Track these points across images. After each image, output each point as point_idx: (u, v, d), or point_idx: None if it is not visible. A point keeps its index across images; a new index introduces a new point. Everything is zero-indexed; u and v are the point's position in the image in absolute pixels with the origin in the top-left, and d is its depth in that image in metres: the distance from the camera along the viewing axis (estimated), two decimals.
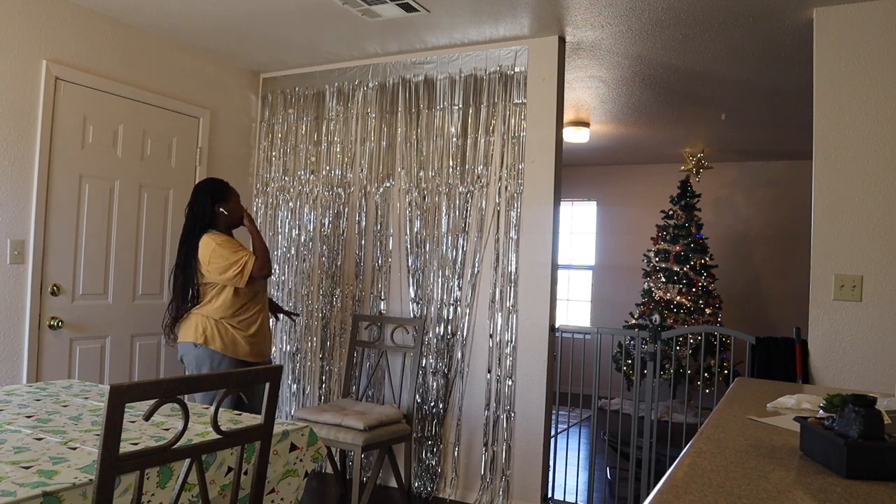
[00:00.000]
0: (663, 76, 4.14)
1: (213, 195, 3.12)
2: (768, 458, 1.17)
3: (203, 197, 3.11)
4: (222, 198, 3.14)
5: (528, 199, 3.60)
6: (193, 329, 3.04)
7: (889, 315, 2.83)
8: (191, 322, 3.05)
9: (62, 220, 3.35)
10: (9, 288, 3.13)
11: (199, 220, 3.07)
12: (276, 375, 1.61)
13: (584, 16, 3.28)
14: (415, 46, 3.86)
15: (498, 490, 3.57)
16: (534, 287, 3.57)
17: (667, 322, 5.81)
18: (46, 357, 3.28)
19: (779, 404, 1.62)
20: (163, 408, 1.49)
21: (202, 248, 3.01)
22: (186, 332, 3.06)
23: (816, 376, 2.97)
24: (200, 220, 3.08)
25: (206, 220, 3.09)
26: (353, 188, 4.12)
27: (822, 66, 3.02)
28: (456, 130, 3.80)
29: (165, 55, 3.87)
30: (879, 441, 1.06)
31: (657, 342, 3.43)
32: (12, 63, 3.11)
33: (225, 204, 3.14)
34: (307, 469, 2.00)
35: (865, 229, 2.89)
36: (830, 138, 2.98)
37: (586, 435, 5.45)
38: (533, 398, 3.54)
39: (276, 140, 4.42)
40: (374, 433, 3.26)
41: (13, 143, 3.13)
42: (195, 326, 3.04)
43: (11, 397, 2.13)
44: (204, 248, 3.01)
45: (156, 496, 1.51)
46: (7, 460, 1.47)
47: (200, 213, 3.08)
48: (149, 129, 3.77)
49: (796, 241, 5.39)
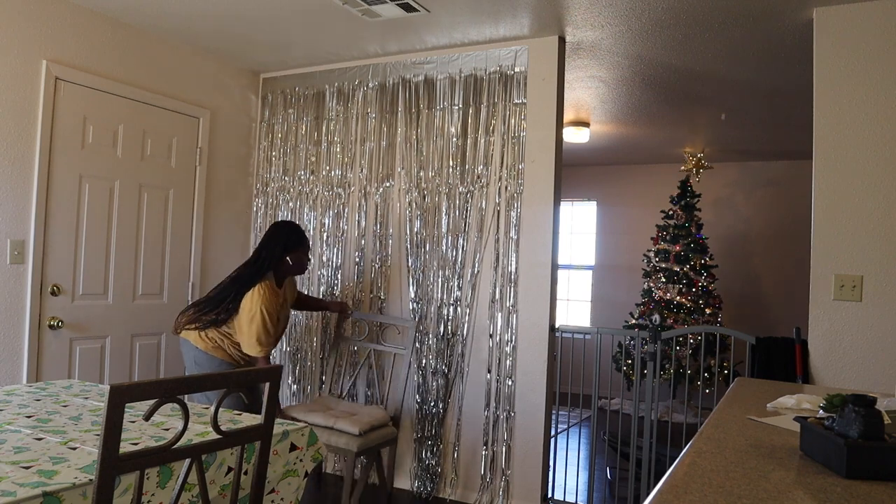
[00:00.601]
0: (663, 76, 4.14)
1: (286, 244, 3.21)
2: (768, 458, 1.17)
3: (275, 243, 3.20)
4: (294, 248, 3.23)
5: (528, 199, 3.60)
6: (204, 339, 3.11)
7: (889, 315, 2.83)
8: (206, 332, 3.12)
9: (62, 220, 3.35)
10: (9, 288, 3.13)
11: (266, 263, 3.15)
12: (276, 375, 1.61)
13: (584, 16, 3.28)
14: (415, 46, 3.86)
15: (498, 490, 3.57)
16: (534, 287, 3.57)
17: (667, 322, 5.81)
18: (46, 357, 3.28)
19: (779, 404, 1.62)
20: (163, 408, 1.49)
21: (252, 297, 3.05)
22: (197, 336, 3.13)
23: (816, 376, 2.97)
24: (267, 263, 3.15)
25: (272, 264, 3.17)
26: (353, 188, 4.12)
27: (822, 66, 3.02)
28: (456, 130, 3.80)
29: (165, 55, 3.87)
30: (879, 441, 1.06)
31: (657, 342, 3.43)
32: (12, 63, 3.11)
33: (293, 254, 3.23)
34: (307, 469, 2.00)
35: (865, 229, 2.89)
36: (830, 138, 2.98)
37: (586, 435, 5.45)
38: (533, 398, 3.54)
39: (276, 140, 4.42)
40: (367, 438, 3.21)
41: (13, 143, 3.13)
42: (207, 338, 3.12)
43: (11, 397, 2.13)
44: (249, 301, 3.05)
45: (156, 496, 1.51)
46: (7, 460, 1.47)
47: (267, 257, 3.16)
48: (149, 129, 3.77)
49: (796, 241, 5.40)
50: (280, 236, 3.22)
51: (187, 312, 3.18)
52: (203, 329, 3.11)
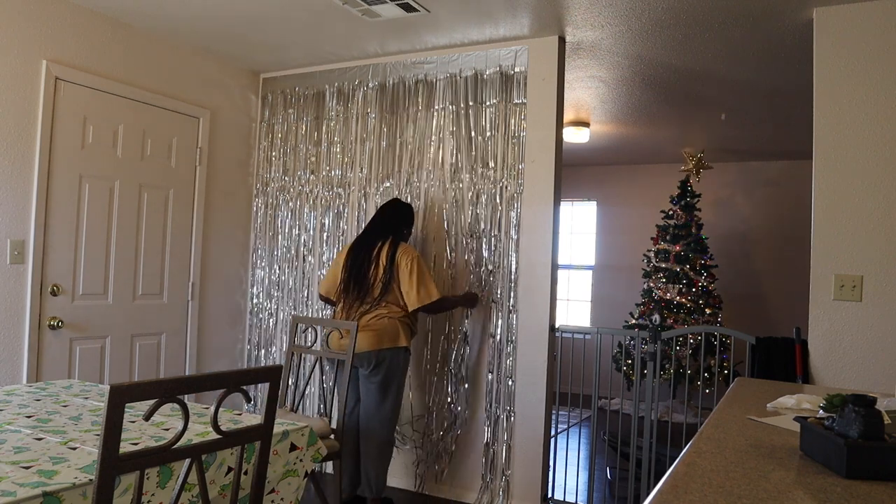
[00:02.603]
0: (663, 76, 4.14)
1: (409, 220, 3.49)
2: (768, 458, 1.17)
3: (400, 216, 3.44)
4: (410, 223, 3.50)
5: (528, 199, 3.60)
6: (396, 332, 3.23)
7: (889, 315, 2.83)
8: (390, 325, 3.22)
9: (62, 220, 3.35)
10: (9, 288, 3.13)
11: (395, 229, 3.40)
12: (276, 375, 1.61)
13: (584, 16, 3.28)
14: (415, 46, 3.86)
15: (498, 490, 3.57)
16: (534, 287, 3.56)
17: (667, 322, 5.81)
18: (46, 357, 3.28)
19: (779, 404, 1.62)
20: (163, 408, 1.49)
21: (406, 250, 3.29)
22: (393, 337, 3.21)
23: (816, 376, 2.97)
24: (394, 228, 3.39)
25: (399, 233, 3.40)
26: (353, 188, 4.12)
27: (822, 66, 3.02)
28: (456, 130, 3.80)
29: (165, 55, 3.87)
30: (879, 441, 1.06)
31: (657, 342, 3.43)
32: (12, 63, 3.11)
33: (409, 228, 3.51)
34: (307, 469, 2.00)
35: (865, 229, 2.89)
36: (830, 138, 2.98)
37: (586, 435, 5.45)
38: (533, 398, 3.54)
39: (276, 140, 4.42)
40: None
41: (13, 143, 3.13)
42: (397, 330, 3.23)
43: (11, 397, 2.13)
44: (406, 253, 3.28)
45: (156, 496, 1.51)
46: (7, 460, 1.47)
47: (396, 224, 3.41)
48: (149, 129, 3.77)
49: (796, 241, 5.39)
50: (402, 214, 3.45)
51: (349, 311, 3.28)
52: (396, 326, 3.24)
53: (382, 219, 3.42)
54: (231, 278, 4.36)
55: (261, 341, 4.39)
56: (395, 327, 3.23)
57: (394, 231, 3.37)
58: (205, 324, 4.15)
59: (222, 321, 4.29)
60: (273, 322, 4.34)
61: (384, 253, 3.28)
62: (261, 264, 4.42)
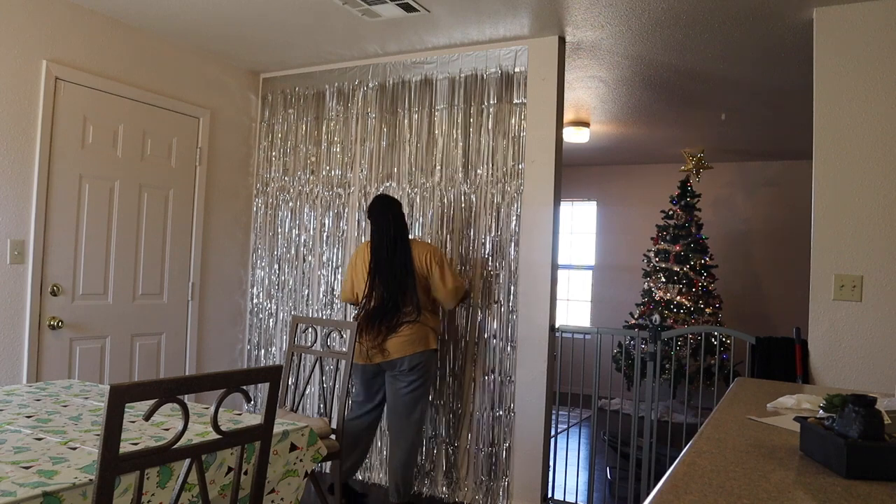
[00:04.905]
0: (663, 76, 4.14)
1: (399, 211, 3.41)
2: (768, 458, 1.17)
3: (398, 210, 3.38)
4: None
5: (528, 199, 3.60)
6: (426, 336, 3.27)
7: (889, 315, 2.83)
8: (420, 329, 3.24)
9: (62, 220, 3.35)
10: (9, 288, 3.13)
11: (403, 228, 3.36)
12: (276, 375, 1.61)
13: (584, 16, 3.28)
14: (415, 46, 3.86)
15: (498, 490, 3.57)
16: (534, 287, 3.56)
17: (667, 322, 5.81)
18: (46, 357, 3.28)
19: (779, 404, 1.62)
20: (163, 408, 1.49)
21: (427, 249, 3.31)
22: (424, 340, 3.25)
23: (816, 376, 2.97)
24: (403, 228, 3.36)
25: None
26: (353, 188, 4.12)
27: (822, 66, 3.02)
28: (456, 130, 3.80)
29: (165, 55, 3.87)
30: (879, 441, 1.06)
31: (657, 342, 3.43)
32: (12, 63, 3.11)
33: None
34: (307, 469, 2.00)
35: (865, 229, 2.89)
36: (830, 138, 2.98)
37: (586, 435, 5.45)
38: (533, 398, 3.54)
39: (276, 140, 4.42)
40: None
41: (13, 143, 3.13)
42: (427, 333, 3.27)
43: (11, 397, 2.13)
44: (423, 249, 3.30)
45: (156, 496, 1.51)
46: (7, 460, 1.47)
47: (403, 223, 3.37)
48: (149, 129, 3.77)
49: (796, 241, 5.39)
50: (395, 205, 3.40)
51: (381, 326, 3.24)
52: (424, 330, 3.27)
53: (388, 222, 3.35)
54: (231, 278, 4.36)
55: (261, 341, 4.39)
56: (425, 330, 3.27)
57: (403, 229, 3.35)
58: (205, 324, 4.15)
59: (222, 321, 4.29)
60: (273, 322, 4.35)
61: (411, 257, 3.28)
62: (261, 264, 4.42)
